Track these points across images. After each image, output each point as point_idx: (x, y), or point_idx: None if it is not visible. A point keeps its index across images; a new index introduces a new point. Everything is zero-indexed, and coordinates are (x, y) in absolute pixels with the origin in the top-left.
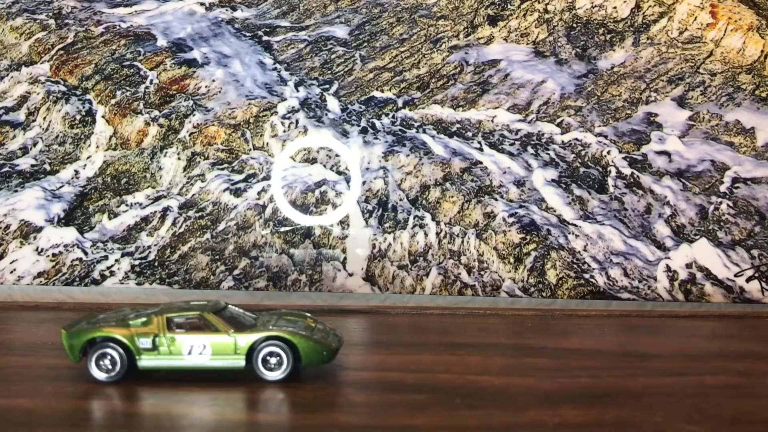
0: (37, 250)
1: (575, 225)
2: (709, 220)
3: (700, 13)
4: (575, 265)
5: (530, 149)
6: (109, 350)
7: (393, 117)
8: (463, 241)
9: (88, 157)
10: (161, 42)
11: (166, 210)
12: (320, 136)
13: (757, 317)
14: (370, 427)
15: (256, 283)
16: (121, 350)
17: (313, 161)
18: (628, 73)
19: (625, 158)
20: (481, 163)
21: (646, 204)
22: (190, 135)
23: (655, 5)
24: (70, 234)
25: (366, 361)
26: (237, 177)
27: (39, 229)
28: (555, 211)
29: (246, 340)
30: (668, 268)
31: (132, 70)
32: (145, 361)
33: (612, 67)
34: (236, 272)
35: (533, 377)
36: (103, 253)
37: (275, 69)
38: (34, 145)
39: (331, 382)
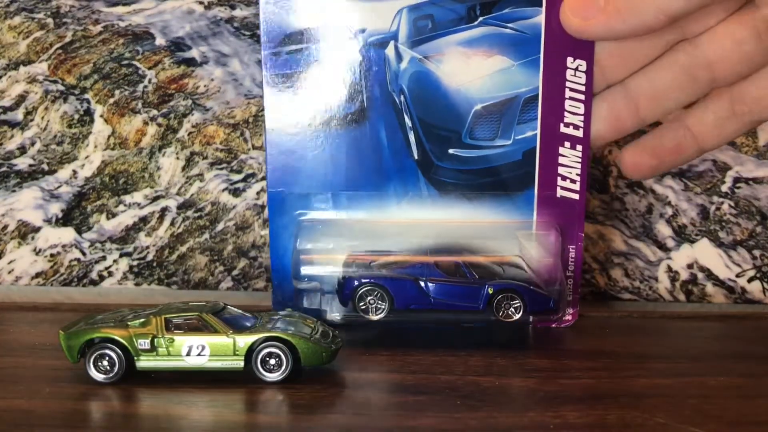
0: (35, 250)
1: None
2: (711, 220)
3: None
4: None
5: None
6: (107, 351)
7: None
8: None
9: (86, 157)
10: (159, 41)
11: (164, 210)
12: None
13: (759, 318)
14: (370, 429)
15: (255, 283)
16: (119, 351)
17: None
18: None
19: None
20: None
21: (647, 204)
22: (188, 134)
23: None
24: (68, 234)
25: (366, 362)
26: (236, 177)
27: (37, 229)
28: None
29: (245, 341)
30: (669, 269)
31: (130, 69)
32: (144, 362)
33: None
34: (235, 273)
35: (534, 378)
36: (102, 253)
37: None
38: (32, 144)
39: (330, 384)
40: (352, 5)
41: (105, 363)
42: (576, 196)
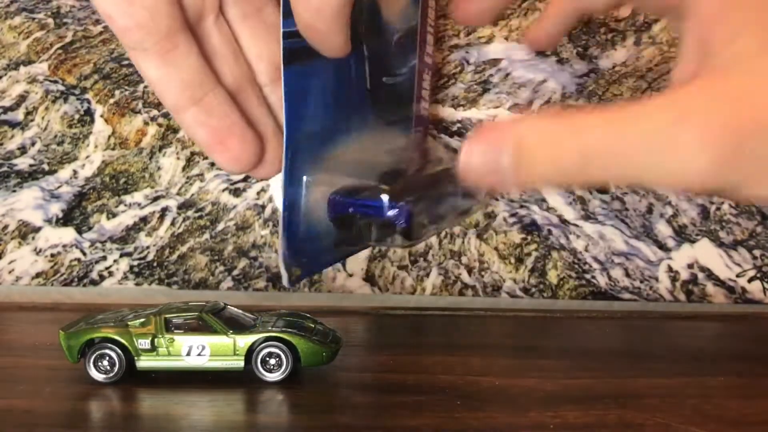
0: (35, 250)
1: (576, 225)
2: (711, 220)
3: None
4: (576, 266)
5: None
6: (107, 351)
7: None
8: (463, 242)
9: (87, 157)
10: None
11: (164, 210)
12: None
13: (759, 318)
14: (370, 429)
15: (255, 283)
16: (119, 351)
17: None
18: (630, 73)
19: None
20: None
21: (647, 204)
22: None
23: None
24: (68, 234)
25: (366, 362)
26: (236, 177)
27: (37, 229)
28: (556, 211)
29: (245, 340)
30: (670, 269)
31: (130, 69)
32: (144, 362)
33: (614, 67)
34: (235, 272)
35: (534, 378)
36: (102, 253)
37: None
38: (33, 144)
39: (330, 384)
40: None
41: (105, 363)
42: (425, 113)
